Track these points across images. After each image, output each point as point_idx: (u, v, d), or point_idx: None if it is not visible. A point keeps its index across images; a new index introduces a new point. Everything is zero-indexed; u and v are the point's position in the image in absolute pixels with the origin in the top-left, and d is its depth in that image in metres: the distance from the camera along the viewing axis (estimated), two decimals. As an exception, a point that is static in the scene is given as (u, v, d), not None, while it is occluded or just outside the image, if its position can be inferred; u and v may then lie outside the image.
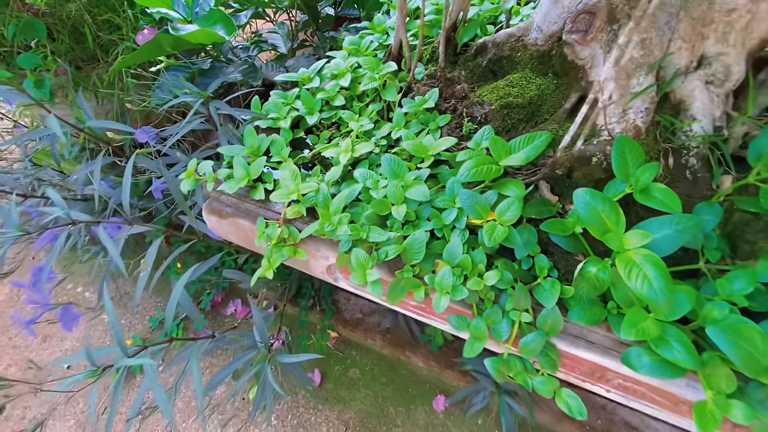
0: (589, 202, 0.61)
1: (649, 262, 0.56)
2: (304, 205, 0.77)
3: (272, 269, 0.82)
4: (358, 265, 0.68)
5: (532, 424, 1.29)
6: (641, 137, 0.77)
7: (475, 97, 0.93)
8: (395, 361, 1.45)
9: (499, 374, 0.67)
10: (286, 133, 0.95)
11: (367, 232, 0.69)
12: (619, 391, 0.74)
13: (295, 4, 1.50)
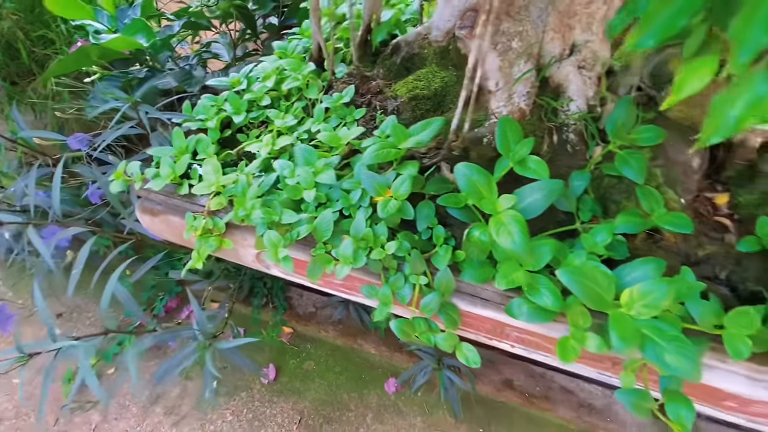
0: (466, 174, 0.69)
1: (514, 221, 0.64)
2: (225, 195, 0.83)
3: (202, 260, 0.87)
4: (270, 244, 0.74)
5: (475, 396, 1.36)
6: (526, 118, 0.86)
7: (390, 92, 1.02)
8: (348, 350, 1.51)
9: (404, 334, 0.74)
10: (213, 133, 1.00)
11: (279, 215, 0.75)
12: (519, 344, 0.83)
13: (233, 15, 1.56)
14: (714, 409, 0.76)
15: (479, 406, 1.38)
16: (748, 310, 0.57)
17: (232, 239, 0.88)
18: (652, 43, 0.34)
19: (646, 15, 0.32)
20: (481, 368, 1.43)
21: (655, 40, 0.34)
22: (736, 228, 0.77)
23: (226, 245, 0.86)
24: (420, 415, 1.37)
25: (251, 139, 1.03)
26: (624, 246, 0.72)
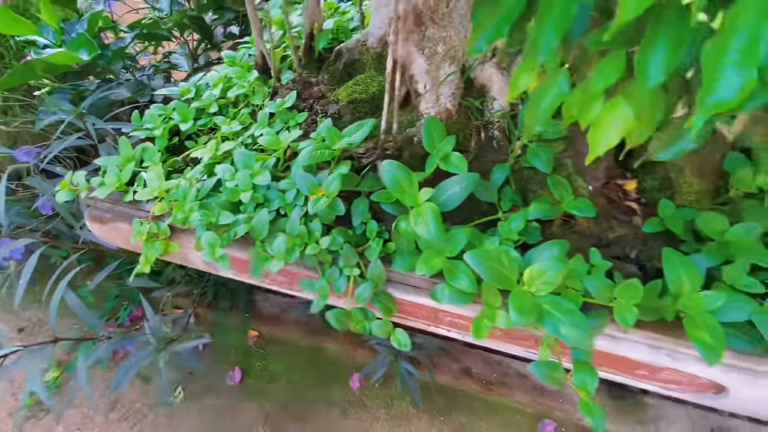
0: (390, 171, 0.75)
1: (430, 212, 0.70)
2: (168, 201, 0.86)
3: (149, 264, 0.90)
4: (207, 244, 0.78)
5: (436, 386, 1.42)
6: (453, 118, 0.92)
7: (332, 96, 1.07)
8: (313, 349, 1.54)
9: (340, 323, 0.78)
10: (160, 141, 1.03)
11: (216, 216, 0.79)
12: (453, 327, 0.88)
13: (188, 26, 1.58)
14: (630, 378, 0.83)
15: (440, 395, 1.43)
16: (634, 283, 0.64)
17: (178, 242, 0.91)
18: (485, 47, 0.40)
19: (476, 24, 0.38)
20: (440, 358, 1.49)
21: (487, 44, 0.40)
22: (642, 211, 0.84)
23: (173, 249, 0.89)
24: (383, 408, 1.41)
25: (200, 145, 1.06)
26: (538, 231, 0.78)
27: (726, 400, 0.76)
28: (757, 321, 0.63)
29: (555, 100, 0.38)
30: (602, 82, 0.33)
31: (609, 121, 0.34)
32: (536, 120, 0.39)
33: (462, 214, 0.88)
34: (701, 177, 0.80)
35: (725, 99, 0.27)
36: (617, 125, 0.34)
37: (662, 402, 1.35)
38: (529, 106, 0.40)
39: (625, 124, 0.34)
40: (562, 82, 0.37)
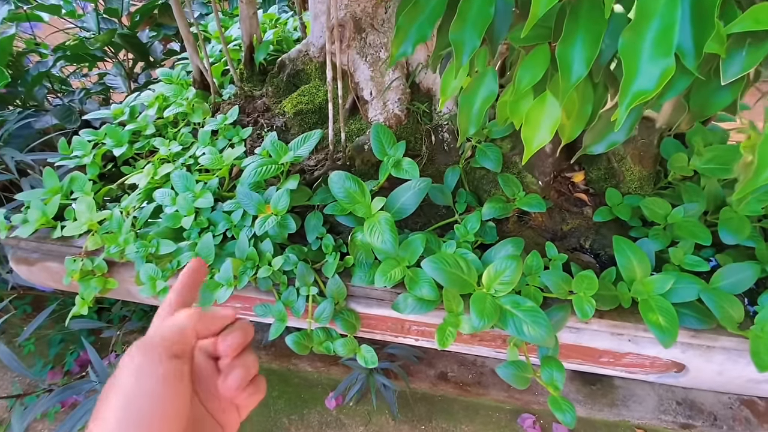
0: (339, 182, 0.72)
1: (385, 222, 0.67)
2: (102, 233, 0.79)
3: (87, 305, 0.82)
4: (147, 278, 0.71)
5: (413, 394, 1.39)
6: (403, 123, 0.91)
7: (278, 109, 1.03)
8: (284, 372, 1.47)
9: (301, 347, 0.74)
10: (92, 169, 0.95)
11: (156, 246, 0.72)
12: (421, 336, 0.86)
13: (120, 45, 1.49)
14: (595, 366, 0.84)
15: (419, 403, 1.40)
16: (588, 274, 0.64)
17: (118, 277, 0.83)
18: (410, 50, 0.39)
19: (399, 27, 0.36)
20: (415, 366, 1.46)
21: (411, 47, 0.38)
22: (592, 201, 0.86)
23: (112, 285, 0.82)
24: (362, 425, 1.36)
25: (137, 170, 0.99)
26: (494, 231, 0.78)
27: (686, 377, 0.78)
28: (705, 298, 0.65)
29: (485, 101, 0.37)
30: (528, 79, 0.32)
31: (539, 118, 0.34)
32: (469, 122, 0.38)
33: (420, 219, 0.87)
34: (642, 164, 0.83)
35: (646, 88, 0.26)
36: (547, 122, 0.33)
37: (630, 383, 1.40)
38: (462, 109, 0.39)
39: (555, 120, 0.33)
40: (489, 81, 0.36)
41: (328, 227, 0.82)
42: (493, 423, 1.40)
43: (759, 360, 0.61)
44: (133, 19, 1.62)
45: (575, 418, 0.63)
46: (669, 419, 1.35)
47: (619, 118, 0.28)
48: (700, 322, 0.68)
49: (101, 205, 0.90)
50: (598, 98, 0.34)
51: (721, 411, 1.37)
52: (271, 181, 0.88)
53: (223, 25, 1.36)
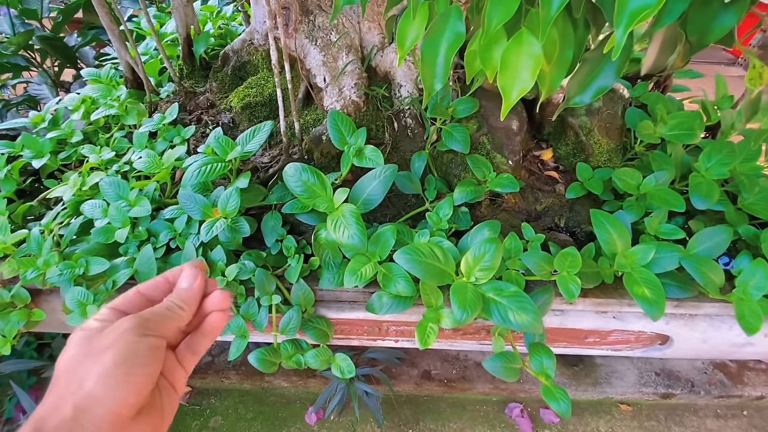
0: (295, 176, 0.64)
1: (351, 215, 0.61)
2: (18, 257, 0.67)
3: (9, 343, 0.69)
4: (75, 303, 0.61)
5: (398, 398, 1.33)
6: (362, 110, 0.85)
7: (224, 104, 0.94)
8: (258, 392, 1.37)
9: (266, 365, 0.66)
10: (7, 184, 0.82)
11: (84, 266, 0.62)
12: (401, 337, 0.80)
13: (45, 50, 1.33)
14: (582, 347, 0.81)
15: (404, 406, 1.34)
16: (570, 251, 0.61)
17: (46, 307, 0.72)
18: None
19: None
20: (397, 368, 1.40)
21: None
22: (563, 178, 0.83)
23: (38, 317, 0.70)
24: (347, 437, 1.28)
25: (65, 183, 0.86)
26: (467, 216, 0.73)
27: (671, 349, 0.77)
28: (686, 266, 0.63)
29: (451, 47, 0.32)
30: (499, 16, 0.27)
31: (517, 61, 0.29)
32: (434, 75, 0.32)
33: (389, 211, 0.81)
34: (609, 136, 0.81)
35: (646, 3, 0.22)
36: (528, 62, 0.28)
37: (611, 359, 1.40)
38: (424, 59, 0.33)
39: (536, 60, 0.28)
40: (454, 22, 0.31)
41: (289, 228, 0.74)
42: (481, 417, 1.36)
43: (746, 323, 0.59)
44: (55, 21, 1.46)
45: (570, 407, 0.59)
46: (650, 391, 1.36)
47: (616, 45, 0.23)
48: (683, 290, 0.67)
49: (21, 226, 0.78)
50: (580, 39, 0.29)
51: (697, 377, 1.40)
52: (220, 183, 0.79)
53: (160, 20, 1.25)
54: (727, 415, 1.35)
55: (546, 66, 0.30)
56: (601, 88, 0.32)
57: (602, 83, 0.32)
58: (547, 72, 0.31)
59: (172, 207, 0.69)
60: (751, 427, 1.33)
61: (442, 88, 0.78)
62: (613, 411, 1.36)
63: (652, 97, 0.84)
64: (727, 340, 0.72)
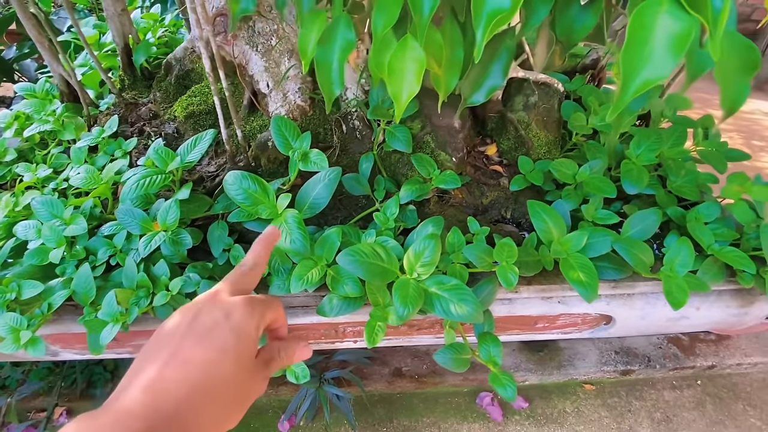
0: (235, 184, 0.64)
1: (292, 220, 0.61)
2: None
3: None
4: (7, 330, 0.58)
5: (370, 397, 1.34)
6: (308, 114, 0.85)
7: (168, 114, 0.92)
8: (229, 404, 1.34)
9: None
10: (-70, 210, 0.77)
11: (16, 290, 0.59)
12: (359, 337, 0.81)
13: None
14: (533, 333, 0.84)
15: (377, 405, 1.35)
16: (507, 242, 0.63)
17: (-20, 337, 0.68)
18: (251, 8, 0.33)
19: None
20: (368, 367, 1.41)
21: (253, 2, 0.32)
22: (507, 172, 0.86)
23: (-30, 347, 0.66)
24: (321, 441, 1.28)
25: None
26: (414, 213, 0.75)
27: (615, 328, 0.81)
28: (618, 249, 0.67)
29: (343, 52, 0.33)
30: (383, 21, 0.28)
31: (403, 66, 0.30)
32: (331, 81, 0.33)
33: (340, 213, 0.81)
34: (547, 129, 0.84)
35: (500, 6, 0.23)
36: (412, 67, 0.30)
37: (574, 342, 1.46)
38: (319, 67, 0.34)
39: (420, 65, 0.29)
40: (344, 29, 0.32)
41: (237, 237, 0.73)
42: (454, 409, 1.39)
43: (673, 298, 0.63)
44: (-14, 33, 1.38)
45: (516, 391, 0.62)
46: (611, 369, 1.43)
47: (477, 46, 0.24)
48: (618, 272, 0.70)
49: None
50: (469, 41, 0.31)
51: (652, 352, 1.48)
52: (165, 195, 0.77)
53: (101, 29, 1.20)
54: (682, 385, 1.44)
55: (438, 69, 0.31)
56: (493, 87, 0.34)
57: (493, 83, 0.34)
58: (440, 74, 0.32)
59: (112, 223, 0.67)
60: (705, 395, 1.42)
61: (382, 88, 0.79)
62: (578, 391, 1.41)
63: (586, 89, 0.88)
64: (663, 315, 0.77)
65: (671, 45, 0.19)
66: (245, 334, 0.26)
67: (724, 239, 0.73)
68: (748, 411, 1.38)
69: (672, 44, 0.19)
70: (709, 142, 0.90)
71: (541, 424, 1.34)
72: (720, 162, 0.86)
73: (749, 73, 0.24)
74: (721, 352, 1.47)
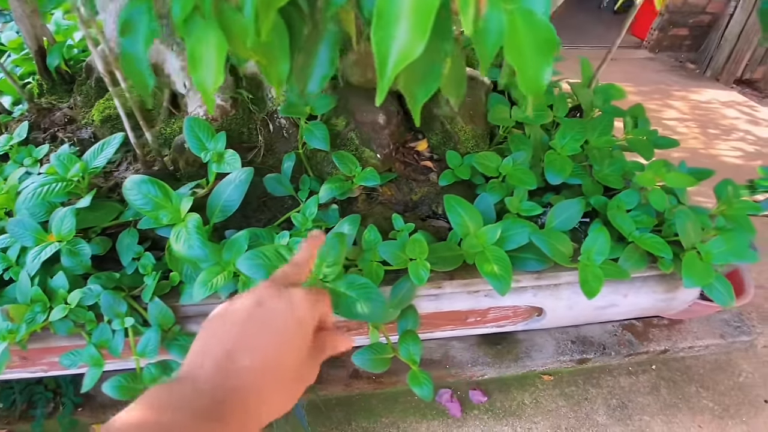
0: (134, 189, 0.61)
1: (192, 225, 0.58)
2: None
3: None
4: None
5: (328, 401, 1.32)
6: (230, 114, 0.82)
7: (86, 119, 0.88)
8: (181, 416, 1.30)
9: (125, 392, 0.62)
10: None
11: None
12: (286, 342, 0.78)
13: None
14: (467, 328, 0.84)
15: (335, 409, 1.33)
16: (417, 238, 0.62)
17: None
18: None
19: None
20: (325, 370, 1.39)
21: None
22: (437, 167, 0.86)
23: None
24: (276, 450, 1.25)
25: None
26: (336, 213, 0.73)
27: (546, 319, 0.81)
28: (535, 240, 0.66)
29: (146, 42, 0.31)
30: (180, 5, 0.26)
31: (204, 53, 0.28)
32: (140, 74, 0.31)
33: (265, 215, 0.79)
34: (474, 122, 0.84)
35: None
36: (211, 53, 0.28)
37: (531, 333, 1.47)
38: (125, 59, 0.32)
39: (219, 50, 0.27)
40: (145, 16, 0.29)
41: (150, 244, 0.70)
42: (413, 407, 1.38)
43: (588, 287, 0.63)
44: None
45: (432, 389, 0.61)
46: (567, 359, 1.44)
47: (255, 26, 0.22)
48: (540, 263, 0.70)
49: None
50: (297, 32, 0.29)
51: (607, 339, 1.50)
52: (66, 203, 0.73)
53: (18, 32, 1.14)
54: (637, 371, 1.46)
55: (262, 58, 0.30)
56: (324, 76, 0.32)
57: (322, 71, 0.32)
58: (266, 64, 0.30)
59: (4, 235, 0.63)
60: (660, 379, 1.45)
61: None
62: (537, 382, 1.42)
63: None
64: (591, 304, 0.77)
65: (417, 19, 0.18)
66: (306, 324, 0.27)
67: (644, 226, 0.73)
68: (701, 393, 1.42)
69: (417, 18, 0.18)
70: (639, 131, 0.91)
71: (499, 417, 1.34)
72: (647, 150, 0.87)
73: (547, 53, 0.23)
74: (674, 336, 1.50)
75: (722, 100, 3.01)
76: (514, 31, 0.21)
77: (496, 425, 1.34)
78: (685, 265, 0.67)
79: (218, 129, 0.79)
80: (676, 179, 0.72)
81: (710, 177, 0.83)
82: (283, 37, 0.28)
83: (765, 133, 2.64)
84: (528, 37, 0.22)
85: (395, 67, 0.18)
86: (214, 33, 0.27)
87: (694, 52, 3.58)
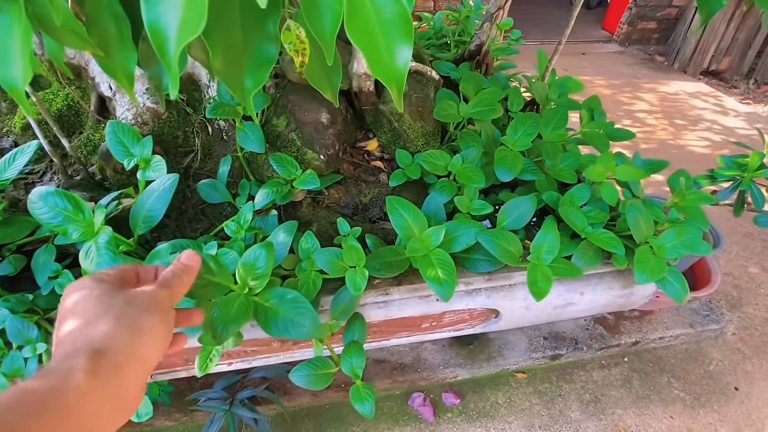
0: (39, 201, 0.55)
1: (103, 240, 0.53)
2: None
3: None
4: None
5: (297, 412, 1.27)
6: (163, 117, 0.77)
7: (8, 127, 0.81)
8: (140, 437, 1.24)
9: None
10: None
11: None
12: (230, 359, 0.74)
13: None
14: (423, 334, 0.81)
15: (306, 419, 1.29)
16: (353, 244, 0.58)
17: None
18: None
19: None
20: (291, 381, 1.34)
21: None
22: (388, 167, 0.82)
23: None
24: (242, 466, 1.20)
25: None
26: (275, 219, 0.69)
27: (504, 320, 0.78)
28: (482, 240, 0.63)
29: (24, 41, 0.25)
30: None
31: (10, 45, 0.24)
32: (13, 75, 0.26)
33: (201, 225, 0.74)
34: (423, 120, 0.80)
35: None
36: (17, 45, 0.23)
37: (503, 332, 1.45)
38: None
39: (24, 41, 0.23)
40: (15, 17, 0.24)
41: (70, 261, 0.65)
42: (385, 413, 1.34)
43: (535, 288, 0.61)
44: None
45: (374, 405, 0.57)
46: (539, 356, 1.42)
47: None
48: (491, 263, 0.67)
49: None
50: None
51: (579, 334, 1.49)
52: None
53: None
54: (610, 364, 1.45)
55: (99, 51, 0.25)
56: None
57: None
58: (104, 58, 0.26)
59: None
60: (632, 371, 1.44)
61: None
62: (510, 381, 1.40)
63: (464, 77, 0.85)
64: (549, 303, 0.75)
65: None
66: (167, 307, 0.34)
67: (597, 221, 0.71)
68: (672, 383, 1.42)
69: None
70: (595, 123, 0.89)
71: (473, 419, 1.31)
72: (603, 143, 0.85)
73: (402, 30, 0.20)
74: (645, 327, 1.50)
75: (689, 91, 3.06)
76: (359, 5, 0.18)
77: (469, 428, 1.31)
78: (637, 261, 0.65)
79: (149, 133, 0.74)
80: (625, 172, 0.70)
81: (665, 168, 0.81)
82: (121, 23, 0.24)
83: (731, 123, 2.69)
84: (377, 11, 0.18)
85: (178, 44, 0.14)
86: (17, 18, 0.22)
87: (663, 45, 3.64)
